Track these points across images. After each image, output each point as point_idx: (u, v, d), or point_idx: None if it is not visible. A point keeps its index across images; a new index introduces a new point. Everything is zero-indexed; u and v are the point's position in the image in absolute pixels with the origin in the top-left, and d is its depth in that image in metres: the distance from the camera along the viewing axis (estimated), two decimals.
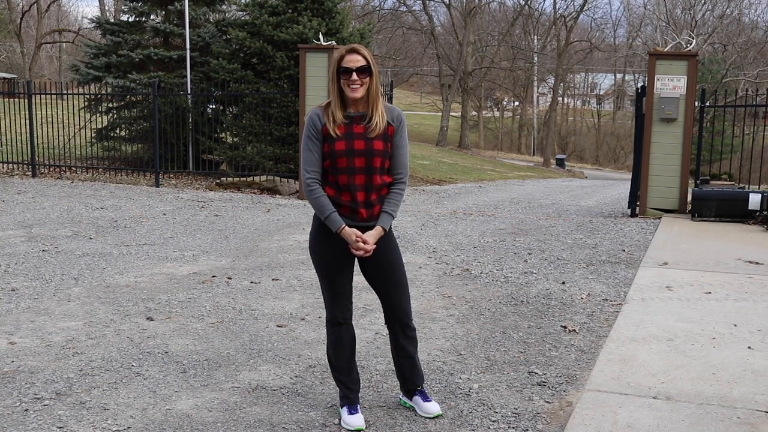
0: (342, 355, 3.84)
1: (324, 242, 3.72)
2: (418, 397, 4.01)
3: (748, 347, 4.93)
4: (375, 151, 3.62)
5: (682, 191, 10.66)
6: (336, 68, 3.60)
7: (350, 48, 3.63)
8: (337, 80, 3.61)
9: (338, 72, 3.59)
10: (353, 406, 3.85)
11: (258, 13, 14.08)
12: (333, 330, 3.84)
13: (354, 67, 3.56)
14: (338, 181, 3.63)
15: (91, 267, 7.23)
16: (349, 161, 3.59)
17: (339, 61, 3.60)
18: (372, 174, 3.63)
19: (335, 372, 3.89)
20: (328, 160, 3.62)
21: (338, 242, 3.68)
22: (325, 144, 3.61)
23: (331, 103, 3.65)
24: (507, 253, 8.11)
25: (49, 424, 3.83)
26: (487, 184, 18.97)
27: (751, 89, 26.96)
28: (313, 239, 3.77)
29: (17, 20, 37.65)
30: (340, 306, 3.79)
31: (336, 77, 3.61)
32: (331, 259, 3.72)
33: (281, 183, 13.28)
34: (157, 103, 13.78)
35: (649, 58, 10.85)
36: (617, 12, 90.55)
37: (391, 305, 3.85)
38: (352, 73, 3.56)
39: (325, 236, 3.70)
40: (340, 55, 3.62)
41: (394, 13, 42.96)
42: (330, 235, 3.68)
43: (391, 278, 3.80)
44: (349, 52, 3.61)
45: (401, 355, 3.96)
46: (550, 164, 36.68)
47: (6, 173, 14.95)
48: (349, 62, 3.57)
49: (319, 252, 3.75)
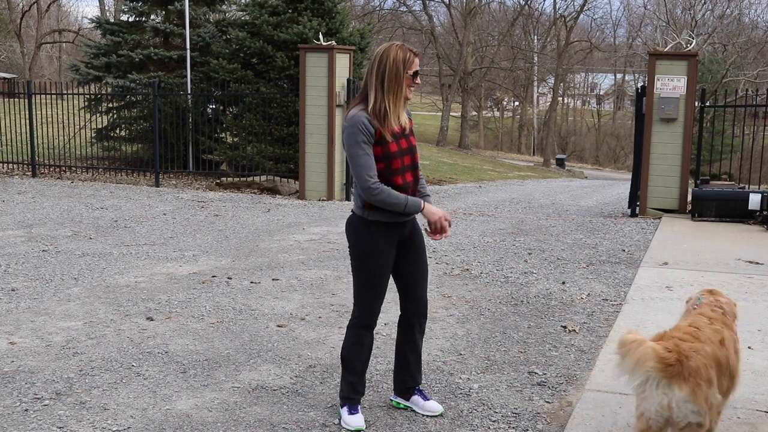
0: (360, 358, 3.84)
1: (383, 245, 3.70)
2: (417, 397, 4.01)
3: (748, 347, 4.92)
4: (413, 147, 3.75)
5: (682, 191, 10.65)
6: (403, 70, 3.54)
7: (413, 50, 3.59)
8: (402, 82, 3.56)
9: (404, 74, 3.54)
10: (354, 407, 3.85)
11: (258, 13, 14.07)
12: (359, 333, 3.81)
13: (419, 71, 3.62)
14: (394, 182, 3.63)
15: (91, 267, 7.23)
16: (402, 161, 3.64)
17: (406, 63, 3.54)
18: (416, 169, 3.78)
19: (348, 374, 3.86)
20: (382, 163, 3.60)
21: (390, 244, 3.72)
22: (378, 147, 3.58)
23: (387, 105, 3.55)
24: (507, 253, 8.11)
25: (49, 424, 3.83)
26: (487, 184, 18.97)
27: (751, 89, 26.96)
28: (371, 244, 3.68)
29: (17, 20, 37.63)
30: (377, 310, 3.80)
31: (402, 79, 3.55)
32: (386, 261, 3.74)
33: (281, 183, 13.28)
34: (157, 103, 13.78)
35: (649, 58, 10.85)
36: (617, 12, 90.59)
37: (416, 293, 3.89)
38: (417, 77, 3.60)
39: (384, 238, 3.69)
40: (406, 57, 3.55)
41: (394, 13, 42.97)
42: (388, 237, 3.69)
43: (421, 264, 3.89)
44: (414, 54, 3.58)
45: (409, 350, 3.95)
46: (550, 164, 36.66)
47: (6, 173, 14.95)
48: (416, 66, 3.58)
49: (376, 255, 3.70)
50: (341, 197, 12.51)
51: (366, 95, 3.61)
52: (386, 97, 3.56)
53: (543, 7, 75.50)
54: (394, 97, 3.57)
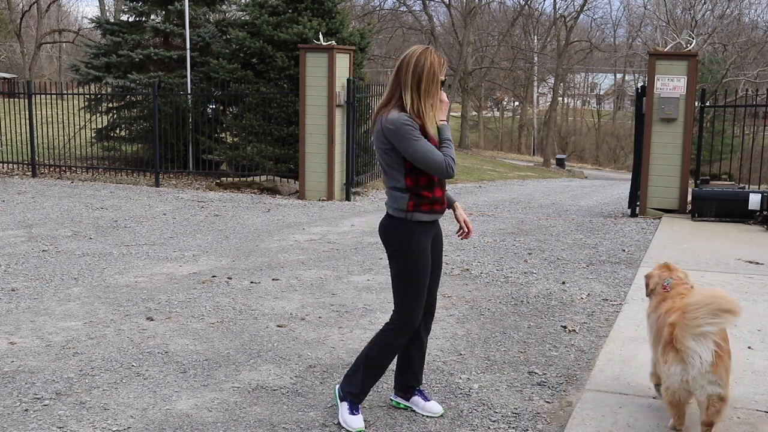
0: (388, 362, 3.81)
1: (426, 245, 3.70)
2: (417, 397, 4.01)
3: (748, 347, 4.93)
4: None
5: (682, 191, 10.65)
6: (437, 75, 3.55)
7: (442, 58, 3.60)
8: (438, 87, 3.58)
9: (436, 80, 3.56)
10: (356, 406, 3.83)
11: (258, 13, 14.07)
12: (402, 338, 3.75)
13: None
14: (432, 178, 3.66)
15: (91, 267, 7.23)
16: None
17: (441, 69, 3.57)
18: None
19: (369, 375, 3.79)
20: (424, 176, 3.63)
21: (429, 244, 3.73)
22: None
23: (424, 108, 3.55)
24: (507, 253, 8.11)
25: (49, 424, 3.83)
26: (487, 184, 18.97)
27: (751, 89, 26.96)
28: (417, 246, 3.66)
29: (17, 20, 37.62)
30: (420, 314, 3.76)
31: (438, 84, 3.57)
32: (428, 262, 3.74)
33: (281, 183, 13.28)
34: (157, 103, 13.78)
35: (649, 58, 10.85)
36: (617, 12, 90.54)
37: (433, 292, 3.91)
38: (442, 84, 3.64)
39: (425, 238, 3.69)
40: (441, 63, 3.57)
41: (394, 13, 42.96)
42: (427, 237, 3.70)
43: (441, 263, 3.93)
44: (443, 62, 3.60)
45: (415, 348, 3.94)
46: (550, 164, 36.65)
47: (6, 173, 14.95)
48: (444, 73, 3.61)
49: (422, 257, 3.69)
50: (341, 197, 12.51)
51: (394, 97, 3.58)
52: (423, 100, 3.56)
53: (543, 7, 75.46)
54: (431, 102, 3.58)
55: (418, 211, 3.64)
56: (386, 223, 3.74)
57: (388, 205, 3.73)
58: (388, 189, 3.70)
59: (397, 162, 3.60)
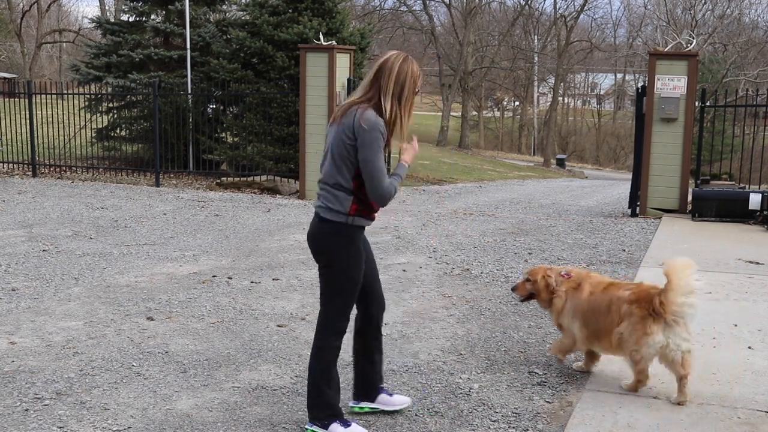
0: (335, 365, 3.74)
1: (361, 248, 3.67)
2: (383, 395, 3.99)
3: (748, 347, 4.93)
4: None
5: (683, 191, 10.65)
6: (417, 85, 3.56)
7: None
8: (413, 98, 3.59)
9: (415, 91, 3.57)
10: (344, 421, 3.68)
11: (258, 13, 14.07)
12: (338, 342, 3.73)
13: None
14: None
15: (91, 267, 7.23)
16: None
17: (418, 79, 3.57)
18: None
19: (328, 388, 3.66)
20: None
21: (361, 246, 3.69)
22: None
23: (402, 117, 3.54)
24: (507, 253, 8.11)
25: (49, 424, 3.83)
26: (488, 184, 18.97)
27: (752, 89, 26.96)
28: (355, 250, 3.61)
29: (17, 20, 37.63)
30: (349, 314, 3.76)
31: (414, 94, 3.58)
32: (363, 264, 3.70)
33: (281, 183, 13.28)
34: (158, 103, 13.78)
35: (650, 58, 10.85)
36: (617, 12, 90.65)
37: (379, 290, 3.89)
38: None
39: (359, 241, 3.66)
40: (419, 74, 3.58)
41: (395, 13, 42.97)
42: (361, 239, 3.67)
43: (376, 271, 3.91)
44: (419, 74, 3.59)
45: (375, 348, 3.92)
46: (551, 164, 36.66)
47: (6, 173, 14.95)
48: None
49: (360, 260, 3.64)
50: None
51: (373, 99, 3.52)
52: (402, 109, 3.55)
53: (543, 7, 75.51)
54: (408, 111, 3.57)
55: (359, 215, 3.56)
56: (321, 229, 3.60)
57: (321, 207, 3.58)
58: (330, 186, 3.55)
59: (351, 160, 3.49)
